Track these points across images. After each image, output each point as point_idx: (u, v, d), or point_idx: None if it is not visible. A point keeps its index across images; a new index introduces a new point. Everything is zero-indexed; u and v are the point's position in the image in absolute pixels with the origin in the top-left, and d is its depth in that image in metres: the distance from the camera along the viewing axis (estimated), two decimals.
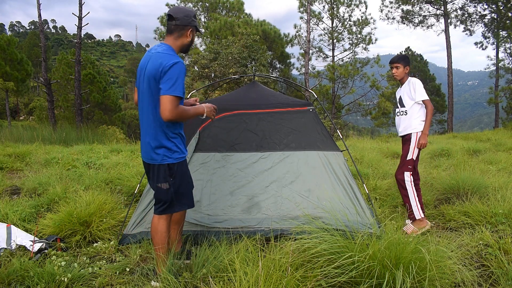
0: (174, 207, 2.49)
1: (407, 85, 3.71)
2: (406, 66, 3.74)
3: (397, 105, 3.87)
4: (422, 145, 3.60)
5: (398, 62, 3.73)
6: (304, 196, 3.44)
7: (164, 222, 2.50)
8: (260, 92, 4.17)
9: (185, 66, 2.31)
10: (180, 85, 2.24)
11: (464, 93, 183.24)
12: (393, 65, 3.77)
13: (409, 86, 3.69)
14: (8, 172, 6.16)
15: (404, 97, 3.74)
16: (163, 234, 2.48)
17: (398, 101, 3.86)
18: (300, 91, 16.89)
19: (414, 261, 2.14)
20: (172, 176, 2.43)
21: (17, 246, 3.03)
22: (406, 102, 3.71)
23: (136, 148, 8.74)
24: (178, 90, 2.22)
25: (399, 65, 3.72)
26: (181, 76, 2.26)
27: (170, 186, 2.44)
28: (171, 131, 2.41)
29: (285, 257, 2.25)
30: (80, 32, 14.98)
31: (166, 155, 2.41)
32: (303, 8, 19.49)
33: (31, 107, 32.29)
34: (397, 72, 3.74)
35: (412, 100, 3.64)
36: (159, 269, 2.46)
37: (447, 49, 20.47)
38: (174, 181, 2.45)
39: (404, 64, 3.73)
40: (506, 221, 3.42)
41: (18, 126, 13.73)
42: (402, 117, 3.74)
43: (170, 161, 2.42)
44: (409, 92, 3.67)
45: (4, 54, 23.48)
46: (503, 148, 8.54)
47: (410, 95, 3.66)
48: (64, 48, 71.40)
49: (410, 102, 3.66)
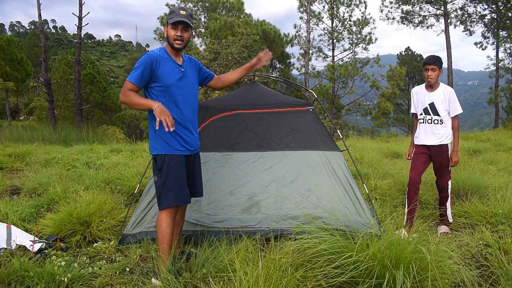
0: (164, 201, 2.55)
1: (442, 92, 3.51)
2: (440, 69, 3.49)
3: (427, 111, 3.59)
4: (455, 162, 3.52)
5: (435, 64, 3.43)
6: (304, 196, 3.44)
7: (166, 218, 2.54)
8: (260, 92, 4.16)
9: (149, 55, 2.51)
10: (135, 72, 2.46)
11: (464, 93, 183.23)
12: (429, 66, 3.45)
13: (444, 94, 3.49)
14: (8, 172, 6.16)
15: (439, 104, 3.52)
16: (165, 230, 2.52)
17: (428, 106, 3.58)
18: (300, 91, 16.89)
19: (414, 261, 2.14)
20: (158, 169, 2.56)
21: (17, 246, 3.03)
22: (441, 111, 3.52)
23: (136, 148, 8.74)
24: (131, 77, 2.45)
25: (435, 67, 3.44)
26: (140, 65, 2.47)
27: (158, 179, 2.56)
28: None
29: (285, 257, 2.25)
30: (80, 32, 14.99)
31: (153, 146, 2.60)
32: (303, 8, 19.49)
33: (31, 107, 32.28)
34: (432, 75, 3.46)
35: (446, 111, 3.50)
36: (160, 268, 2.48)
37: (447, 49, 20.47)
38: (161, 175, 2.55)
39: (440, 67, 3.47)
40: (506, 221, 3.42)
41: (18, 126, 13.74)
42: (438, 126, 3.53)
43: (156, 152, 2.57)
44: (444, 101, 3.49)
45: (4, 54, 23.47)
46: (503, 148, 8.54)
47: (446, 105, 3.49)
48: (64, 48, 71.39)
49: (444, 112, 3.51)
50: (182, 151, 2.60)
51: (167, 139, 2.55)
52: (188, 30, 2.61)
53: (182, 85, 2.62)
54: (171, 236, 2.55)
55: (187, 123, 2.64)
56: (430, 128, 3.58)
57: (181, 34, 2.55)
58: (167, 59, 2.58)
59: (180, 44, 2.57)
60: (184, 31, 2.57)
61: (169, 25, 2.56)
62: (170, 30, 2.56)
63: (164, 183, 2.53)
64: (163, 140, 2.55)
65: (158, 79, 2.52)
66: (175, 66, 2.61)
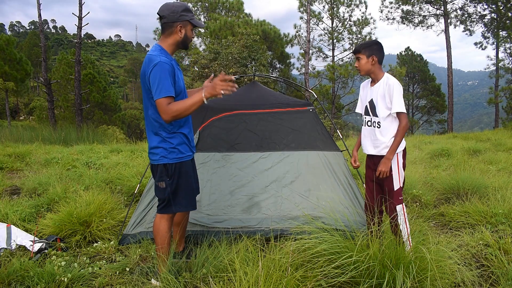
0: (171, 207, 2.47)
1: (382, 86, 2.66)
2: (371, 57, 2.67)
3: (367, 111, 2.81)
4: (382, 173, 2.61)
5: (359, 51, 2.70)
6: (304, 196, 3.44)
7: (165, 222, 2.50)
8: (260, 92, 4.17)
9: (167, 63, 2.25)
10: (164, 85, 2.21)
11: (464, 93, 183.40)
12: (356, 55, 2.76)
13: (384, 88, 2.65)
14: (8, 172, 6.16)
15: (378, 102, 2.69)
16: (164, 234, 2.47)
17: (368, 104, 2.79)
18: (300, 91, 16.89)
19: (414, 261, 2.14)
20: (169, 176, 2.42)
21: (17, 246, 3.03)
22: (380, 110, 2.69)
23: (136, 148, 8.73)
24: (164, 91, 2.20)
25: (360, 55, 2.71)
26: (164, 75, 2.22)
27: (167, 186, 2.43)
28: (166, 132, 2.40)
29: (285, 257, 2.25)
30: (80, 32, 14.97)
31: (163, 156, 2.40)
32: (303, 8, 19.49)
33: (31, 107, 32.27)
34: (358, 65, 2.75)
35: (388, 110, 2.65)
36: (160, 268, 2.47)
37: (447, 49, 20.47)
38: (172, 181, 2.43)
39: (368, 54, 2.68)
40: (506, 221, 3.42)
41: (18, 126, 13.74)
42: (376, 130, 2.73)
43: (166, 161, 2.40)
44: (383, 98, 2.65)
45: (3, 54, 23.42)
46: (503, 148, 8.53)
47: (386, 103, 2.65)
48: (64, 48, 71.40)
49: (385, 111, 2.66)
50: (190, 155, 2.55)
51: (180, 146, 2.45)
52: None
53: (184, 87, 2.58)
54: (169, 239, 2.53)
55: (190, 124, 2.62)
56: (369, 132, 2.81)
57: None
58: (175, 63, 2.45)
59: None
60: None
61: (189, 25, 2.41)
62: (190, 31, 2.43)
63: (176, 190, 2.45)
64: (176, 148, 2.43)
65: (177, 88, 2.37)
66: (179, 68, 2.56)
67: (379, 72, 2.72)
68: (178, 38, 2.40)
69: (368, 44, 2.71)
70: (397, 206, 2.65)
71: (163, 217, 2.51)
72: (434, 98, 27.28)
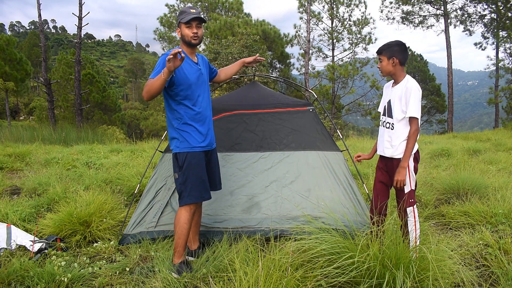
0: (185, 198, 2.60)
1: (401, 88, 2.63)
2: (392, 58, 2.63)
3: (384, 110, 2.79)
4: (399, 182, 2.58)
5: (381, 53, 2.69)
6: (304, 196, 3.44)
7: (186, 214, 2.60)
8: (260, 92, 4.17)
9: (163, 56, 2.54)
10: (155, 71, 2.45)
11: (464, 93, 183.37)
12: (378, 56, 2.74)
13: (402, 91, 2.61)
14: (8, 172, 6.16)
15: (395, 103, 2.66)
16: (182, 225, 2.58)
17: (386, 105, 2.77)
18: (300, 91, 16.89)
19: (414, 261, 2.14)
20: (179, 167, 2.60)
21: (17, 246, 3.03)
22: (395, 112, 2.65)
23: (136, 148, 8.73)
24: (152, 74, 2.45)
25: (381, 57, 2.70)
26: (159, 64, 2.48)
27: (179, 177, 2.61)
28: (177, 123, 2.62)
29: (285, 257, 2.25)
30: (80, 32, 14.98)
31: (175, 145, 2.63)
32: (302, 8, 19.49)
33: (31, 107, 32.28)
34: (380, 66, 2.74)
35: (403, 113, 2.61)
36: (174, 260, 2.59)
37: (447, 49, 20.48)
38: (182, 172, 2.59)
39: (389, 56, 2.64)
40: (506, 221, 3.42)
41: (18, 126, 13.72)
42: (389, 132, 2.72)
43: (178, 151, 2.62)
44: (400, 100, 2.61)
45: (4, 54, 23.43)
46: (503, 148, 8.53)
47: (402, 105, 2.61)
48: (64, 48, 71.28)
49: (400, 114, 2.62)
50: (203, 148, 2.67)
51: (189, 137, 2.61)
52: (201, 27, 2.68)
53: (200, 83, 2.68)
54: (188, 231, 2.62)
55: (206, 120, 2.71)
56: (382, 133, 2.80)
57: (196, 30, 2.62)
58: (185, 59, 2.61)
59: (196, 40, 2.64)
60: (198, 27, 2.63)
61: (182, 25, 2.61)
62: (185, 29, 2.62)
63: (186, 181, 2.59)
64: (184, 139, 2.60)
65: (180, 79, 2.53)
66: (193, 64, 2.67)
67: (400, 74, 2.69)
68: (181, 38, 2.69)
69: (389, 45, 2.67)
70: (408, 209, 2.65)
71: (182, 209, 2.62)
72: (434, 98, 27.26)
